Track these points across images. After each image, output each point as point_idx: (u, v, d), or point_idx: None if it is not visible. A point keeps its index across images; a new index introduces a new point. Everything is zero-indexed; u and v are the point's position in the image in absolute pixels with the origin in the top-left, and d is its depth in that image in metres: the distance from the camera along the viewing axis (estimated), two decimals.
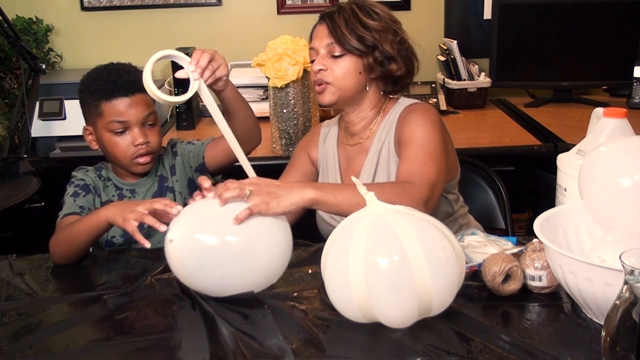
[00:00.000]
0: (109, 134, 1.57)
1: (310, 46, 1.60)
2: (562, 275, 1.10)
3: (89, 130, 1.63)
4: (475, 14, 2.98)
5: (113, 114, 1.55)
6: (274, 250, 1.23)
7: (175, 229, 1.23)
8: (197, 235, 1.20)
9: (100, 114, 1.57)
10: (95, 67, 1.63)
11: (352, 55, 1.53)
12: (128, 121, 1.56)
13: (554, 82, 2.87)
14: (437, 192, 1.45)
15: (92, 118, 1.60)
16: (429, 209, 1.39)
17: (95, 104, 1.57)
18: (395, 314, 1.08)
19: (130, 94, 1.56)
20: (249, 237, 1.20)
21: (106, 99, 1.55)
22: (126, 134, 1.57)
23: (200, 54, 1.37)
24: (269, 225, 1.23)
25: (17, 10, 2.78)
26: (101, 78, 1.58)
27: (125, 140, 1.57)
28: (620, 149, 1.17)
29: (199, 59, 1.36)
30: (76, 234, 1.45)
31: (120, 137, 1.57)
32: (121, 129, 1.56)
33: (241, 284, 1.21)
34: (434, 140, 1.49)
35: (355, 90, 1.55)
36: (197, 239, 1.20)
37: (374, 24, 1.53)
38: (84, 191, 1.61)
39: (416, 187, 1.38)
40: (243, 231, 1.19)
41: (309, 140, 1.76)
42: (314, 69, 1.56)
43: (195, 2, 2.91)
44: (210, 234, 1.20)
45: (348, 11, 1.54)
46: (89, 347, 1.13)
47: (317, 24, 1.59)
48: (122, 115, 1.55)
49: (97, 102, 1.56)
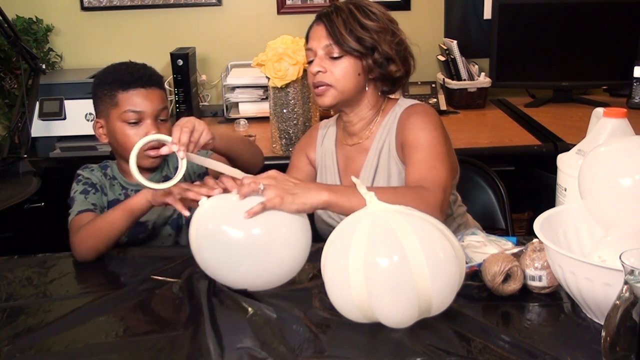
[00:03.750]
0: (122, 125, 1.58)
1: (307, 47, 1.59)
2: (562, 275, 1.10)
3: (100, 123, 1.64)
4: (475, 14, 2.98)
5: (129, 103, 1.57)
6: (293, 245, 1.24)
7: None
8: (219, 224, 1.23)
9: (115, 104, 1.58)
10: (112, 64, 1.67)
11: (351, 56, 1.52)
12: (143, 112, 1.57)
13: (554, 82, 2.87)
14: (448, 194, 1.47)
15: (105, 109, 1.61)
16: (443, 213, 1.40)
17: (112, 94, 1.59)
18: (395, 314, 1.08)
19: (147, 87, 1.58)
20: (268, 230, 1.22)
21: (123, 89, 1.58)
22: (139, 125, 1.58)
23: (180, 130, 1.33)
24: (289, 219, 1.24)
25: (17, 10, 2.78)
26: (119, 71, 1.61)
27: (138, 132, 1.57)
28: (620, 149, 1.17)
29: (180, 136, 1.33)
30: (111, 221, 1.47)
31: (134, 129, 1.58)
32: (135, 119, 1.58)
33: (256, 275, 1.23)
34: (439, 142, 1.49)
35: (354, 91, 1.55)
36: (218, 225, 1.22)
37: (373, 25, 1.52)
38: (93, 189, 1.62)
39: (430, 192, 1.39)
40: (264, 224, 1.21)
41: (306, 141, 1.75)
42: (312, 71, 1.55)
43: (195, 2, 2.91)
44: (231, 226, 1.21)
45: (346, 12, 1.53)
46: (89, 347, 1.13)
47: (313, 25, 1.58)
48: (137, 105, 1.57)
49: (113, 92, 1.58)
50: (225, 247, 1.21)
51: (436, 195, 1.39)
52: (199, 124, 1.38)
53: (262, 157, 1.74)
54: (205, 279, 1.31)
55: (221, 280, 1.28)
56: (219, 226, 1.23)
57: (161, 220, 1.66)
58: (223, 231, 1.22)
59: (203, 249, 1.24)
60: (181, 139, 1.32)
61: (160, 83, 1.64)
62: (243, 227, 1.21)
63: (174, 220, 1.67)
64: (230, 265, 1.23)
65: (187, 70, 2.57)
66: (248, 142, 1.72)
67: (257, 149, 1.75)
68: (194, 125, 1.36)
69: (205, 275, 1.32)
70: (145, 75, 1.60)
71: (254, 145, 1.76)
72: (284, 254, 1.23)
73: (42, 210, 2.24)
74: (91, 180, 1.63)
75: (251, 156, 1.67)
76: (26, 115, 2.26)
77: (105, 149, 2.31)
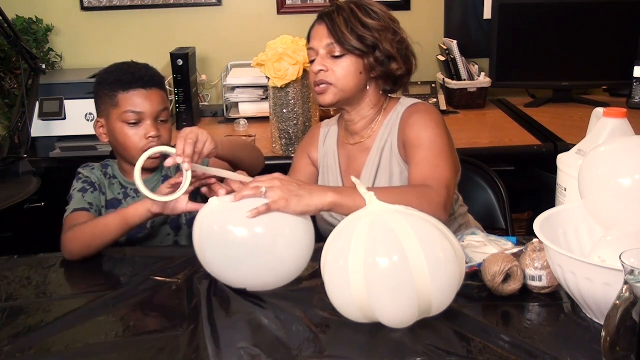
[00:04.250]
0: (122, 125, 1.58)
1: (309, 46, 1.60)
2: (562, 275, 1.10)
3: (100, 123, 1.64)
4: (475, 14, 2.98)
5: (129, 104, 1.57)
6: (296, 246, 1.25)
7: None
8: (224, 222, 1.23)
9: (115, 104, 1.58)
10: (114, 64, 1.66)
11: (352, 55, 1.52)
12: (143, 112, 1.57)
13: (554, 82, 2.87)
14: (452, 192, 1.47)
15: (106, 109, 1.61)
16: (447, 211, 1.40)
17: (112, 94, 1.59)
18: (395, 314, 1.08)
19: (147, 87, 1.58)
20: (271, 230, 1.22)
21: (123, 90, 1.58)
22: (139, 126, 1.58)
23: (184, 142, 1.34)
24: (293, 220, 1.25)
25: (17, 10, 2.78)
26: (120, 71, 1.61)
27: (138, 132, 1.58)
28: (620, 149, 1.17)
29: (184, 148, 1.34)
30: (105, 226, 1.47)
31: (134, 129, 1.58)
32: (135, 120, 1.57)
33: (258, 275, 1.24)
34: (442, 140, 1.50)
35: (356, 90, 1.55)
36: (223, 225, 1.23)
37: (374, 24, 1.53)
38: (92, 187, 1.62)
39: (434, 190, 1.39)
40: (267, 224, 1.22)
41: (308, 141, 1.76)
42: (313, 70, 1.56)
43: (195, 2, 2.91)
44: (235, 225, 1.22)
45: (347, 11, 1.53)
46: (89, 347, 1.13)
47: (315, 24, 1.59)
48: (137, 106, 1.57)
49: (114, 92, 1.58)
50: (228, 246, 1.22)
51: (440, 194, 1.39)
52: (202, 134, 1.39)
53: (262, 159, 1.75)
54: (206, 279, 1.32)
55: (223, 279, 1.28)
56: (224, 225, 1.23)
57: (160, 220, 1.66)
58: (227, 230, 1.22)
59: (206, 247, 1.25)
60: (186, 151, 1.33)
61: (161, 84, 1.64)
62: (247, 227, 1.21)
63: (173, 220, 1.67)
64: (233, 265, 1.23)
65: (187, 70, 2.57)
66: (249, 146, 1.73)
67: (258, 151, 1.76)
68: (197, 136, 1.37)
69: (205, 276, 1.32)
70: (146, 75, 1.60)
71: (255, 148, 1.77)
72: (286, 254, 1.24)
73: (42, 210, 2.24)
74: (90, 179, 1.64)
75: (252, 159, 1.68)
76: (26, 115, 2.26)
77: (105, 148, 2.31)
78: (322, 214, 1.64)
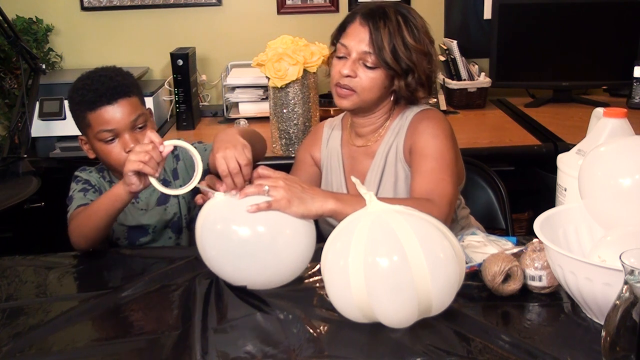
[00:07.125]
0: (100, 143, 1.54)
1: (340, 40, 1.53)
2: (562, 275, 1.10)
3: (84, 140, 1.61)
4: (475, 14, 2.98)
5: (99, 123, 1.52)
6: (296, 247, 1.25)
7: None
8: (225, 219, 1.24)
9: (88, 125, 1.54)
10: (80, 77, 1.59)
11: (384, 70, 1.49)
12: (115, 129, 1.52)
13: (554, 82, 2.87)
14: (454, 207, 1.47)
15: (83, 129, 1.58)
16: (447, 225, 1.40)
17: (82, 115, 1.54)
18: (395, 314, 1.08)
19: (113, 101, 1.51)
20: (272, 229, 1.22)
21: (90, 110, 1.52)
22: (116, 141, 1.53)
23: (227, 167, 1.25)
24: (294, 221, 1.25)
25: (17, 10, 2.78)
26: (84, 88, 1.54)
27: (117, 148, 1.53)
28: (620, 149, 1.17)
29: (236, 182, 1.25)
30: (96, 210, 1.45)
31: (112, 145, 1.53)
32: (110, 137, 1.53)
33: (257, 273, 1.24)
34: (449, 153, 1.49)
35: (376, 101, 1.54)
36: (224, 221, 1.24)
37: (415, 46, 1.49)
38: (92, 188, 1.61)
39: (436, 206, 1.38)
40: (269, 223, 1.22)
41: (311, 141, 1.74)
42: (341, 71, 1.51)
43: (195, 2, 2.90)
44: (236, 222, 1.22)
45: (394, 23, 1.48)
46: (89, 346, 1.13)
47: (356, 21, 1.51)
48: (108, 123, 1.51)
49: (82, 113, 1.54)
50: (229, 242, 1.22)
51: (442, 210, 1.38)
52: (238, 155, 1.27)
53: (265, 146, 1.72)
54: (206, 279, 1.32)
55: (222, 276, 1.29)
56: (225, 222, 1.24)
57: (162, 224, 1.65)
58: (228, 226, 1.23)
59: (207, 243, 1.25)
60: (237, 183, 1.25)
61: (128, 91, 1.54)
62: (249, 225, 1.22)
63: (174, 224, 1.67)
64: (233, 261, 1.23)
65: (187, 70, 2.57)
66: (256, 135, 1.66)
67: (262, 139, 1.71)
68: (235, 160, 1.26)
69: (205, 276, 1.32)
70: (108, 89, 1.52)
71: (261, 137, 1.70)
72: (287, 254, 1.24)
73: (42, 210, 2.24)
74: (90, 181, 1.63)
75: (259, 149, 1.64)
76: (26, 115, 2.27)
77: None
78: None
